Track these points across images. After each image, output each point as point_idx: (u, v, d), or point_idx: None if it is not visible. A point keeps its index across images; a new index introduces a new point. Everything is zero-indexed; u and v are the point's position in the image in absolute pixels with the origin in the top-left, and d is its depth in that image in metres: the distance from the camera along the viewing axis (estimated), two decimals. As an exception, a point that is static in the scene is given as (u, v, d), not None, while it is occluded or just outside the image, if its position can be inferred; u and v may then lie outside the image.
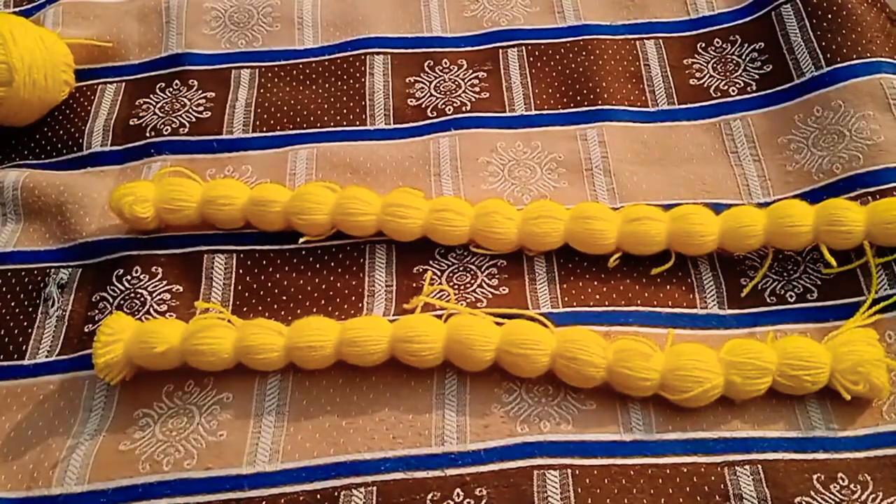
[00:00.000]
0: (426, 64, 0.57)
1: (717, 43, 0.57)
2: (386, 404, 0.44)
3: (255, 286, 0.48)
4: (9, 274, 0.50)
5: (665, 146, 0.53)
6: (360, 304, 0.47)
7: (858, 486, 0.40)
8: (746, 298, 0.46)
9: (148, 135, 0.54)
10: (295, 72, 0.58)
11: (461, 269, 0.48)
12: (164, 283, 0.48)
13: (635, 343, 0.42)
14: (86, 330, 0.47)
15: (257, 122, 0.55)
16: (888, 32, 0.53)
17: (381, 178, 0.51)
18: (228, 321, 0.45)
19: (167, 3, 0.61)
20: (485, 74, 0.56)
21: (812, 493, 0.40)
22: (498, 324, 0.43)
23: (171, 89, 0.57)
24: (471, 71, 0.57)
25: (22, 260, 0.50)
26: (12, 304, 0.49)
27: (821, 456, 0.41)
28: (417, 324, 0.43)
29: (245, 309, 0.48)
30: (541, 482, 0.41)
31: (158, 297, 0.48)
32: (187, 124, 0.55)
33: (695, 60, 0.56)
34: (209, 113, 0.55)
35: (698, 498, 0.40)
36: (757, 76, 0.55)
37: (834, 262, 0.45)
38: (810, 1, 0.55)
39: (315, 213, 0.48)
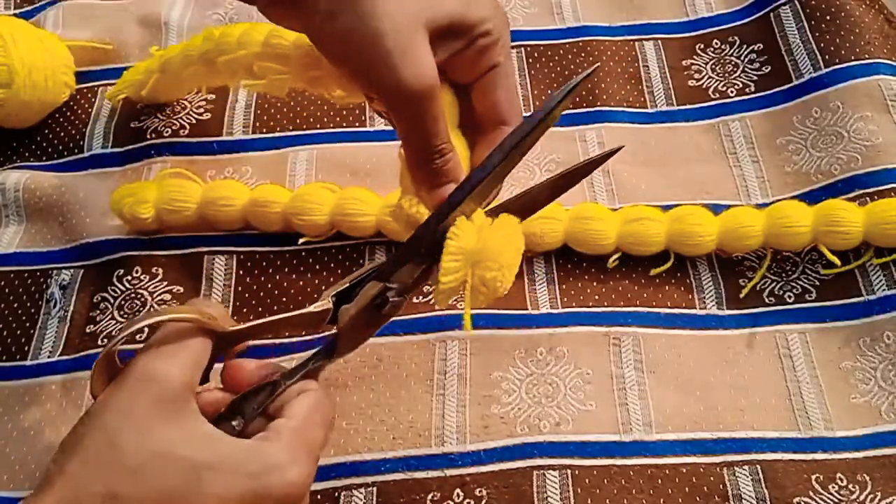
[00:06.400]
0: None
1: (716, 44, 0.57)
2: (386, 405, 0.44)
3: (255, 287, 0.48)
4: (11, 275, 0.50)
5: (664, 147, 0.53)
6: (360, 305, 0.47)
7: (857, 486, 0.40)
8: (745, 299, 0.47)
9: (148, 136, 0.54)
10: (295, 73, 0.58)
11: (461, 269, 0.48)
12: (165, 283, 0.48)
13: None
14: (87, 330, 0.47)
15: (257, 124, 0.55)
16: (886, 34, 0.53)
17: (380, 179, 0.51)
18: None
19: (168, 6, 0.61)
20: (484, 76, 0.56)
21: (811, 494, 0.40)
22: None
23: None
24: (470, 72, 0.57)
25: (24, 261, 0.50)
26: (15, 304, 0.49)
27: (819, 456, 0.41)
28: None
29: (245, 310, 0.48)
30: (540, 482, 0.41)
31: (159, 297, 0.48)
32: (188, 126, 0.55)
33: (693, 62, 0.56)
34: (209, 115, 0.55)
35: (697, 498, 0.40)
36: (755, 77, 0.55)
37: (838, 262, 0.45)
38: (809, 2, 0.55)
39: (315, 213, 0.48)
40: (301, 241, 0.49)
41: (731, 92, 0.55)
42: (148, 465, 0.29)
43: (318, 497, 0.41)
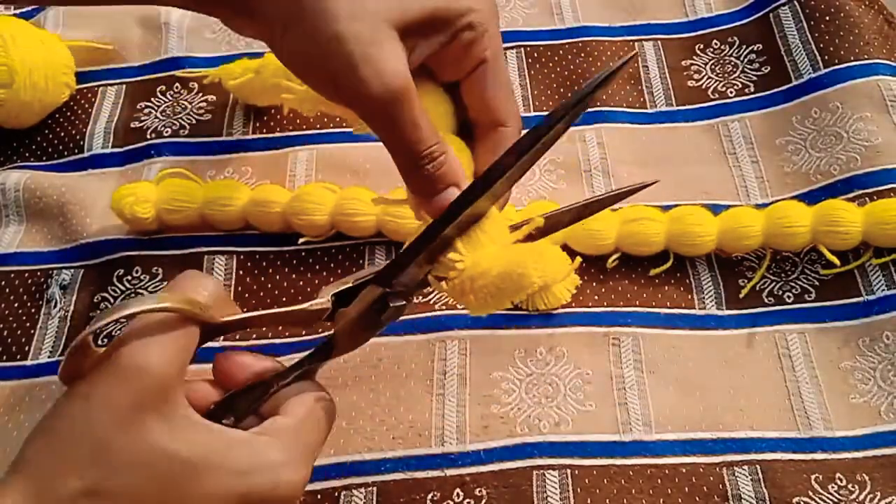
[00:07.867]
0: (426, 66, 0.57)
1: (716, 44, 0.57)
2: (386, 405, 0.44)
3: (255, 287, 0.49)
4: (11, 275, 0.50)
5: (663, 148, 0.53)
6: (360, 305, 0.48)
7: (857, 486, 0.40)
8: (745, 299, 0.47)
9: (148, 137, 0.55)
10: (295, 73, 0.58)
11: (461, 269, 0.48)
12: (165, 283, 0.48)
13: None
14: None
15: (257, 124, 0.55)
16: (885, 34, 0.54)
17: (380, 179, 0.51)
18: None
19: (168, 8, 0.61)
20: (484, 76, 0.56)
21: (810, 493, 0.40)
22: None
23: (171, 92, 0.57)
24: (470, 72, 0.57)
25: (24, 261, 0.50)
26: (15, 304, 0.49)
27: (819, 456, 0.41)
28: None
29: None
30: (540, 482, 0.41)
31: (159, 298, 0.48)
32: (188, 126, 0.55)
33: (693, 62, 0.56)
34: (209, 115, 0.55)
35: (697, 498, 0.40)
36: (755, 78, 0.55)
37: (837, 262, 0.45)
38: (808, 3, 0.55)
39: (314, 213, 0.48)
40: (301, 241, 0.49)
41: (731, 92, 0.55)
42: (132, 460, 0.27)
43: (318, 497, 0.41)
